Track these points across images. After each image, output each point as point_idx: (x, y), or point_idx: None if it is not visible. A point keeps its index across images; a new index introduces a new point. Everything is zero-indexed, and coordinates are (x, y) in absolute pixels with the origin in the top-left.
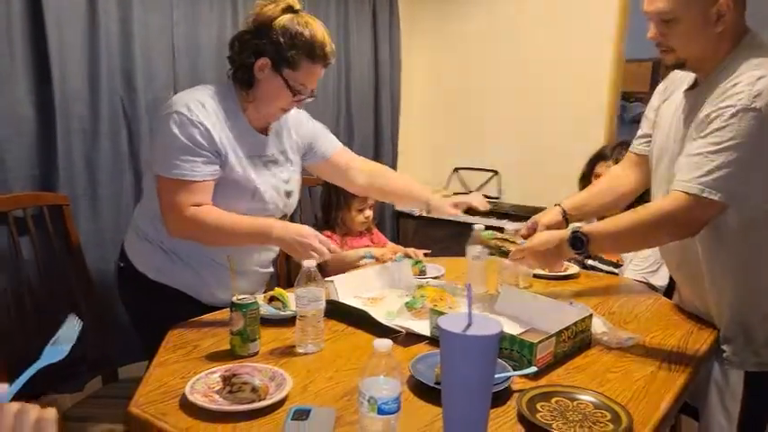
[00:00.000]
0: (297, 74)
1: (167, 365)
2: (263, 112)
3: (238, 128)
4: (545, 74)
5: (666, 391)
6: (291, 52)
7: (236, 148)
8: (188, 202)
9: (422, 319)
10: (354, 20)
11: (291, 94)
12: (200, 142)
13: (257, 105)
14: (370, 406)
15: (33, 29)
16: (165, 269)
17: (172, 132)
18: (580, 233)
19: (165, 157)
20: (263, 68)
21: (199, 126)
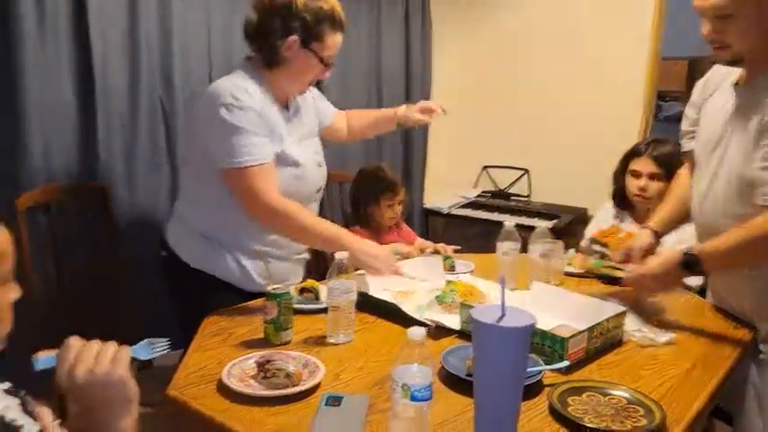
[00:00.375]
0: (323, 45)
1: (204, 351)
2: (289, 89)
3: (271, 110)
4: (578, 72)
5: (700, 390)
6: (317, 27)
7: (273, 128)
8: (270, 188)
9: (452, 313)
10: (386, 19)
11: (323, 65)
12: (257, 125)
13: (284, 83)
14: (404, 393)
15: (78, 27)
16: (207, 258)
17: (227, 123)
18: (692, 254)
19: (229, 149)
20: (292, 46)
21: (249, 111)
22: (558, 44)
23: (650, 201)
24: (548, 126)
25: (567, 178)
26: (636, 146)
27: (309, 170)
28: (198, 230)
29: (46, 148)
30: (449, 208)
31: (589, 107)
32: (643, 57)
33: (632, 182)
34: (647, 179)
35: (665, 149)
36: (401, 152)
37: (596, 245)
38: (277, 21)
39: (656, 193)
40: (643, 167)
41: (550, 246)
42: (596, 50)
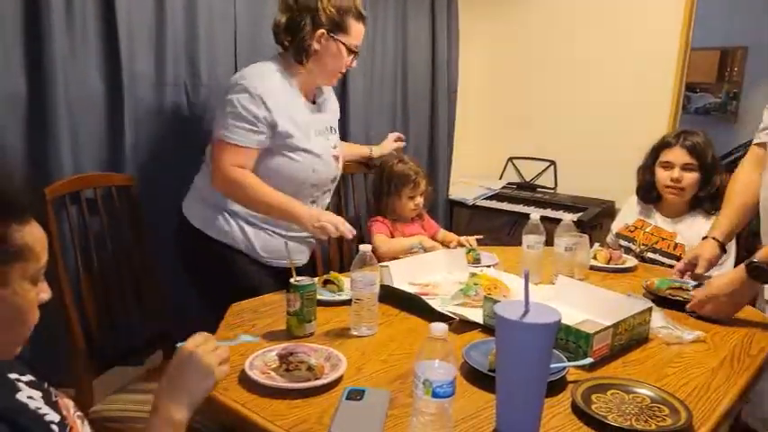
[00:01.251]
0: (349, 36)
1: None
2: (321, 79)
3: (296, 102)
4: (606, 63)
5: (728, 390)
6: (343, 19)
7: (295, 119)
8: (233, 163)
9: (475, 306)
10: (412, 11)
11: (349, 53)
12: (255, 113)
13: (316, 74)
14: (426, 389)
15: (105, 16)
16: (219, 225)
17: (233, 102)
18: (759, 264)
19: (225, 124)
20: (321, 38)
21: (257, 99)
22: (586, 35)
23: (684, 192)
24: (575, 118)
25: (593, 171)
26: (665, 138)
27: (326, 161)
28: (208, 199)
29: (74, 137)
30: (474, 199)
31: (617, 99)
32: (673, 47)
33: (664, 174)
34: (681, 170)
35: (697, 139)
36: (426, 143)
37: (622, 239)
38: (306, 17)
39: (690, 184)
40: (676, 158)
41: (576, 239)
42: (625, 41)
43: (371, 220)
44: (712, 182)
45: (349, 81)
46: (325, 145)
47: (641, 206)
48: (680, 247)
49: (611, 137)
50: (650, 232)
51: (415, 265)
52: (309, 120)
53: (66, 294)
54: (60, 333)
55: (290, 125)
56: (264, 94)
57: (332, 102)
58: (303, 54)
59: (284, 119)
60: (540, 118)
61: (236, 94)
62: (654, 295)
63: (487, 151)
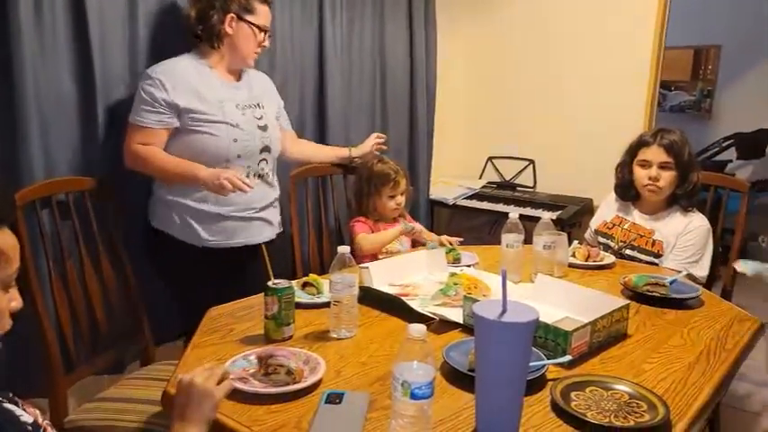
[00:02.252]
0: (257, 17)
1: (204, 347)
2: (239, 59)
3: (208, 82)
4: (582, 62)
5: (705, 383)
6: (248, 1)
7: (204, 96)
8: (136, 141)
9: (455, 306)
10: (390, 11)
11: (261, 32)
12: (154, 96)
13: (233, 56)
14: (404, 390)
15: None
16: (164, 217)
17: (139, 89)
18: None
19: (133, 108)
20: (232, 22)
21: (156, 82)
22: (563, 35)
23: (661, 190)
24: (553, 116)
25: (572, 169)
26: (642, 136)
27: (249, 131)
28: (157, 192)
29: (45, 140)
30: (454, 199)
31: (594, 98)
32: (647, 46)
33: (642, 172)
34: (658, 168)
35: (674, 138)
36: (406, 143)
37: (601, 236)
38: (215, 5)
39: (667, 182)
40: (653, 157)
41: (554, 238)
42: (601, 41)
43: (353, 220)
44: (689, 179)
45: (327, 82)
46: (248, 117)
47: (619, 203)
48: (658, 244)
49: (589, 135)
50: (628, 229)
51: (394, 266)
52: (227, 95)
53: (38, 301)
54: (33, 341)
55: (196, 102)
56: (163, 77)
57: (260, 81)
58: (215, 39)
59: (187, 97)
60: (519, 117)
61: (141, 81)
62: (632, 291)
63: (467, 151)
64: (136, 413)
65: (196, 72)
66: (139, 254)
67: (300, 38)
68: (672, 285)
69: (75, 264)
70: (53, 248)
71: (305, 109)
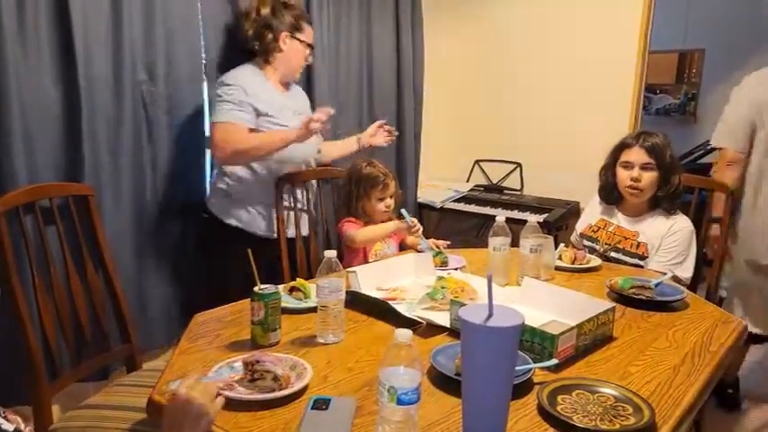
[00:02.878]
0: (304, 34)
1: (190, 354)
2: (289, 72)
3: (270, 90)
4: (569, 66)
5: (690, 386)
6: (298, 22)
7: (270, 104)
8: (227, 139)
9: (442, 310)
10: (377, 12)
11: (307, 48)
12: (237, 97)
13: (285, 69)
14: (390, 396)
15: (59, 19)
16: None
17: (219, 94)
18: None
19: (214, 112)
20: (285, 39)
21: (237, 87)
22: (549, 38)
23: (643, 192)
24: (539, 120)
25: (558, 172)
26: (625, 138)
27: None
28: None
29: (28, 145)
30: (442, 202)
31: (580, 101)
32: (632, 50)
33: (624, 174)
34: (640, 169)
35: (655, 140)
36: (394, 147)
37: (586, 239)
38: (272, 25)
39: (648, 183)
40: (635, 158)
41: (541, 241)
42: (586, 44)
43: (343, 221)
44: (671, 181)
45: (315, 83)
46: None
47: (603, 206)
48: (642, 246)
49: (575, 138)
50: (613, 232)
51: (382, 270)
52: (285, 103)
53: (22, 308)
54: (17, 350)
55: (269, 107)
56: (241, 83)
57: (300, 92)
58: (270, 54)
59: (262, 103)
60: (506, 120)
61: (218, 88)
62: (617, 294)
63: (454, 154)
64: (121, 420)
65: (260, 81)
66: (127, 261)
67: None
68: (657, 288)
69: (59, 270)
70: (37, 255)
71: None
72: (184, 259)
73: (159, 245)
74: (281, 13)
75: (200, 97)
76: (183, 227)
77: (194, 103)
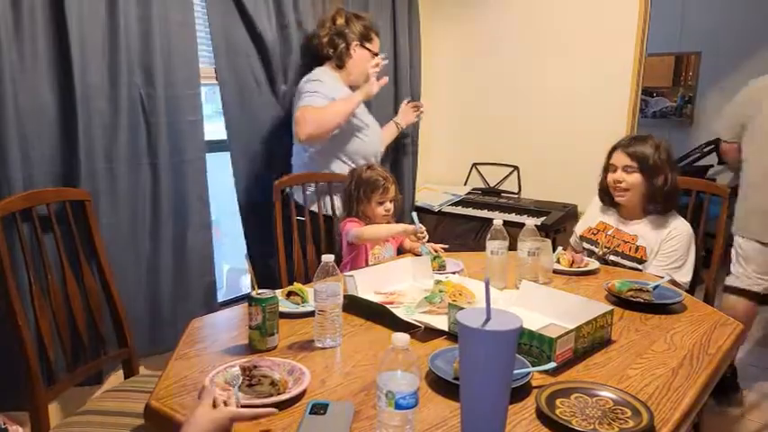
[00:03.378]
0: (372, 44)
1: (187, 359)
2: (358, 77)
3: (340, 90)
4: (566, 69)
5: (689, 388)
6: (367, 33)
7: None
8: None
9: (440, 314)
10: (374, 15)
11: (374, 56)
12: (322, 91)
13: (355, 75)
14: (388, 400)
15: (55, 25)
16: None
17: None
18: None
19: (303, 99)
20: (356, 48)
21: (320, 82)
22: (546, 42)
23: (628, 193)
24: (537, 123)
25: (556, 175)
26: (618, 142)
27: (374, 131)
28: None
29: (24, 151)
30: (440, 206)
31: (577, 103)
32: (629, 53)
33: (610, 176)
34: (622, 171)
35: (638, 145)
36: (392, 150)
37: (586, 242)
38: (344, 33)
39: (631, 185)
40: (617, 161)
41: (538, 244)
42: (583, 48)
43: (346, 220)
44: (654, 183)
45: None
46: (373, 121)
47: (603, 209)
48: (641, 250)
49: (573, 141)
50: (612, 235)
51: (380, 273)
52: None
53: (19, 315)
54: (14, 355)
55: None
56: (324, 81)
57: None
58: (342, 60)
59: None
60: (503, 123)
61: (303, 85)
62: (615, 297)
63: (451, 157)
64: (119, 426)
65: (335, 80)
66: (124, 266)
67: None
68: (655, 291)
69: (56, 275)
70: (34, 260)
71: (290, 117)
72: (184, 262)
73: (158, 248)
74: (353, 24)
75: (198, 101)
76: (182, 230)
77: (193, 108)
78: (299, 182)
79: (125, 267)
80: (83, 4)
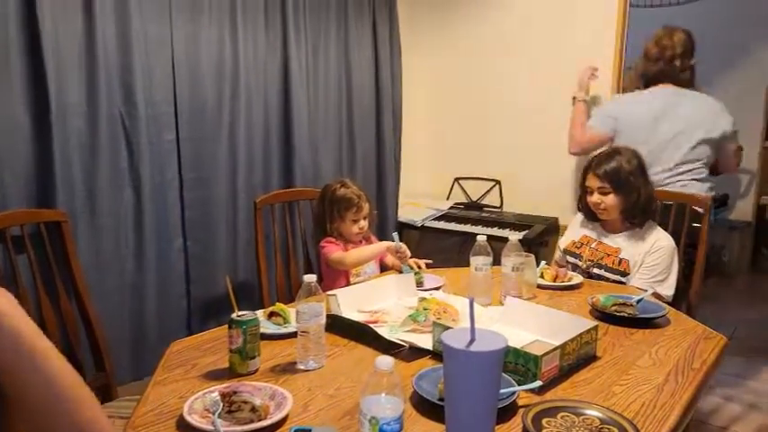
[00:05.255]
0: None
1: (165, 384)
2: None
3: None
4: (546, 83)
5: (675, 404)
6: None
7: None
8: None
9: (425, 332)
10: (354, 33)
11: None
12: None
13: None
14: (372, 426)
15: (29, 42)
16: None
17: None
18: None
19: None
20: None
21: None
22: (526, 56)
23: (608, 212)
24: (518, 137)
25: (537, 188)
26: (590, 161)
27: None
28: None
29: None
30: (422, 221)
31: (557, 117)
32: (607, 67)
33: (588, 198)
34: (598, 194)
35: (610, 165)
36: (374, 166)
37: (570, 255)
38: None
39: (610, 205)
40: (591, 184)
41: (522, 259)
42: (563, 61)
43: (323, 241)
44: (629, 200)
45: (293, 107)
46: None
47: (586, 223)
48: (624, 263)
49: (554, 155)
50: (595, 248)
51: (363, 292)
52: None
53: None
54: None
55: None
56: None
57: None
58: (691, 83)
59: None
60: (484, 138)
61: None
62: (599, 312)
63: (434, 172)
64: None
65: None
66: (102, 290)
67: (265, 64)
68: (639, 305)
69: (31, 299)
70: (7, 285)
71: (270, 135)
72: (168, 282)
73: (142, 269)
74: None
75: (173, 120)
76: (167, 249)
77: (169, 124)
78: (279, 199)
79: (107, 290)
80: (57, 19)
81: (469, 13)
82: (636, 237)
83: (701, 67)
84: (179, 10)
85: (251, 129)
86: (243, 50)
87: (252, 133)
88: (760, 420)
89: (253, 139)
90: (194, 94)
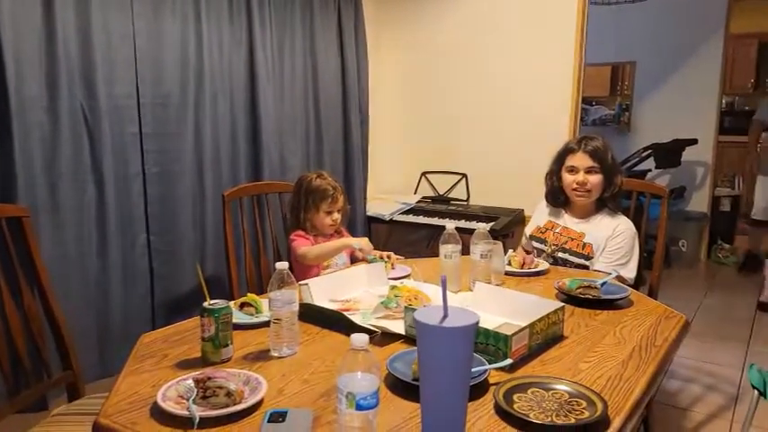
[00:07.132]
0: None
1: (137, 375)
2: None
3: None
4: (510, 80)
5: (639, 377)
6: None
7: None
8: None
9: (397, 318)
10: (320, 27)
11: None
12: None
13: None
14: (349, 402)
15: None
16: None
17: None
18: None
19: None
20: None
21: None
22: (490, 53)
23: (590, 193)
24: (483, 131)
25: (503, 181)
26: (568, 144)
27: None
28: None
29: None
30: (391, 215)
31: (521, 113)
32: (568, 64)
33: (570, 178)
34: (585, 173)
35: (597, 144)
36: (342, 161)
37: (535, 240)
38: None
39: (594, 185)
40: (580, 163)
41: (490, 246)
42: (526, 59)
43: (293, 234)
44: (614, 182)
45: (258, 102)
46: None
47: (550, 209)
48: (588, 247)
49: (518, 149)
50: (560, 233)
51: (335, 281)
52: None
53: None
54: None
55: None
56: None
57: None
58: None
59: None
60: (451, 132)
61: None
62: (565, 295)
63: (401, 167)
64: None
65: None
66: (66, 286)
67: (230, 58)
68: (603, 287)
69: None
70: None
71: (237, 129)
72: (132, 278)
73: (106, 264)
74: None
75: (136, 113)
76: (131, 245)
77: (131, 118)
78: (247, 193)
79: (70, 287)
80: (16, 11)
81: (436, 8)
82: (599, 222)
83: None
84: (141, 2)
85: (217, 123)
86: (207, 44)
87: (218, 127)
88: (719, 402)
89: (219, 134)
90: (157, 88)
